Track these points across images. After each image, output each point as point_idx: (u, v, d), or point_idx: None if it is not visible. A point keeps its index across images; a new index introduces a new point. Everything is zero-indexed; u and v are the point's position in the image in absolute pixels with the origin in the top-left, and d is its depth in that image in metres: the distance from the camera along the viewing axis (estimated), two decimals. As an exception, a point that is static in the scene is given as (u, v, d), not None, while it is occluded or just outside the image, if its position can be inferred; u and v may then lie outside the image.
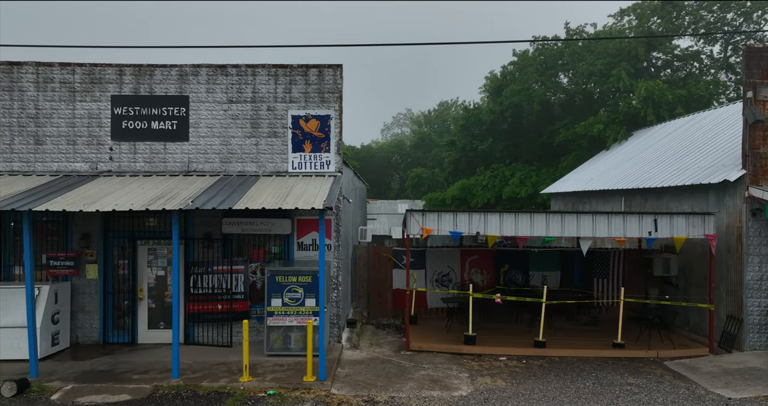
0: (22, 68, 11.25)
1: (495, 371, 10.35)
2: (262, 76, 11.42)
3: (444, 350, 11.59)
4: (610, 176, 19.01)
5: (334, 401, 8.62)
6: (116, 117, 11.34)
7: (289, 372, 9.69)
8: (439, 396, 8.92)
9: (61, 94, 11.31)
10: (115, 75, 11.33)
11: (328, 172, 11.39)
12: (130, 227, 11.40)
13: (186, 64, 11.35)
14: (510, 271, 14.93)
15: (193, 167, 11.42)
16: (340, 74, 11.47)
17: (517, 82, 30.19)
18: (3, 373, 9.58)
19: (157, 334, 11.42)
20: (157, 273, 11.48)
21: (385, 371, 10.17)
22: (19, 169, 11.29)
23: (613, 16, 28.54)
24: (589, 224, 11.44)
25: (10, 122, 11.28)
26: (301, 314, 10.40)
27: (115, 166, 11.38)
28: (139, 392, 8.76)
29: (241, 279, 11.30)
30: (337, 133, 11.45)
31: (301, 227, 11.48)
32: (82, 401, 8.45)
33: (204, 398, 8.61)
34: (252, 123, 11.45)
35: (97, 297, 11.35)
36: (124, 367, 9.92)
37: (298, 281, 10.37)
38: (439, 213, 11.52)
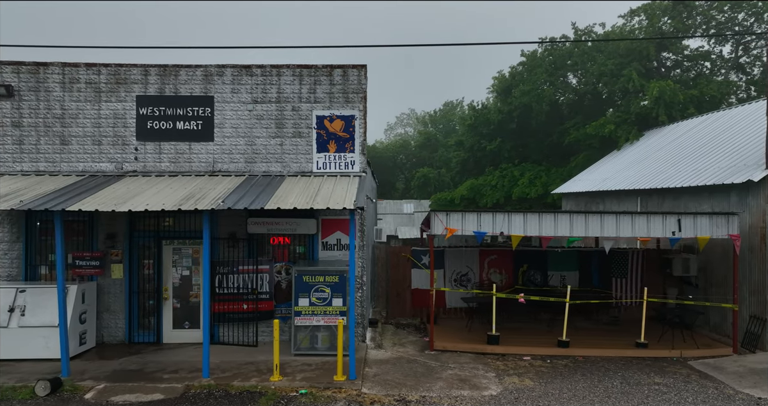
0: (48, 69, 11.28)
1: (521, 371, 10.37)
2: (286, 76, 11.45)
3: (468, 349, 11.62)
4: (625, 176, 19.03)
5: (366, 400, 8.65)
6: (141, 117, 11.38)
7: (318, 372, 9.72)
8: (470, 396, 8.94)
9: (86, 95, 11.34)
10: (141, 75, 11.36)
11: (353, 173, 11.42)
12: (155, 227, 11.44)
13: (211, 64, 11.38)
14: (529, 271, 14.95)
15: (218, 167, 11.45)
16: (364, 74, 11.50)
17: (527, 82, 30.23)
18: (34, 372, 9.61)
19: (182, 334, 11.45)
20: (182, 273, 11.51)
21: (413, 370, 10.20)
22: (45, 170, 11.32)
23: (624, 16, 28.56)
24: (612, 223, 11.46)
25: (36, 122, 11.32)
26: (328, 313, 10.43)
27: (141, 167, 11.41)
28: (172, 392, 8.79)
29: (266, 279, 11.33)
30: (362, 133, 11.48)
31: (325, 227, 11.51)
32: (116, 400, 8.49)
33: (237, 397, 8.64)
34: (277, 123, 11.48)
35: (123, 297, 11.39)
36: (153, 366, 9.96)
37: (325, 281, 10.40)
38: (462, 213, 11.55)
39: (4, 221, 11.27)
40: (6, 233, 11.27)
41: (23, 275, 11.26)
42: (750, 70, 26.97)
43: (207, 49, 12.39)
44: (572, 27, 30.06)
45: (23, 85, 11.26)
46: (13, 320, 10.14)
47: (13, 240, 11.27)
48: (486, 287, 14.45)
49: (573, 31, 30.15)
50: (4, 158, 11.28)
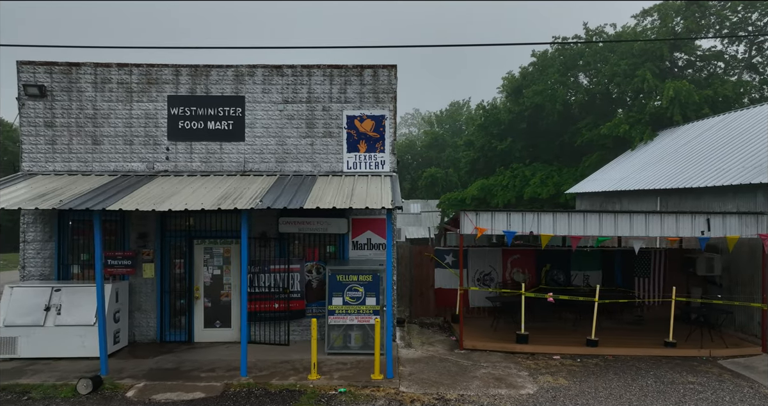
0: (81, 69, 11.34)
1: (553, 370, 10.41)
2: (317, 76, 11.50)
3: (497, 348, 11.66)
4: (642, 176, 19.06)
5: (406, 398, 8.69)
6: (173, 117, 11.43)
7: (354, 370, 9.77)
8: (508, 394, 8.99)
9: (118, 95, 11.39)
10: (172, 75, 11.41)
11: (383, 172, 11.47)
12: (186, 227, 11.50)
13: (242, 64, 11.43)
14: (552, 270, 14.99)
15: (249, 167, 11.50)
16: (394, 74, 11.54)
17: (539, 82, 30.25)
18: (72, 370, 9.67)
19: (213, 333, 11.51)
20: (213, 272, 11.56)
21: (446, 369, 10.24)
22: (78, 169, 11.38)
23: (636, 16, 28.58)
24: (642, 223, 11.49)
25: (68, 123, 11.37)
26: (361, 312, 10.48)
27: (172, 166, 11.46)
28: (212, 390, 8.84)
29: (297, 278, 11.38)
30: (392, 133, 11.52)
31: (355, 227, 11.56)
32: (158, 398, 8.54)
33: (277, 395, 8.69)
34: (307, 123, 11.53)
35: (154, 296, 11.44)
36: (189, 365, 10.01)
37: (358, 280, 10.45)
38: (492, 212, 11.59)
39: (36, 221, 11.33)
40: (38, 232, 11.33)
41: (56, 274, 11.31)
42: (763, 70, 27.00)
43: (233, 49, 12.40)
44: (584, 27, 30.11)
45: (56, 86, 11.32)
46: (49, 318, 10.20)
47: (46, 239, 11.33)
48: (509, 287, 14.50)
49: (584, 32, 30.19)
50: (37, 158, 11.34)
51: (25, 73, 11.22)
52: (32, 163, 11.34)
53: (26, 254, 11.31)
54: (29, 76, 11.24)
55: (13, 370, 9.75)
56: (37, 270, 11.31)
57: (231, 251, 11.54)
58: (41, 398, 8.58)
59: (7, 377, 9.40)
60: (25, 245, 11.30)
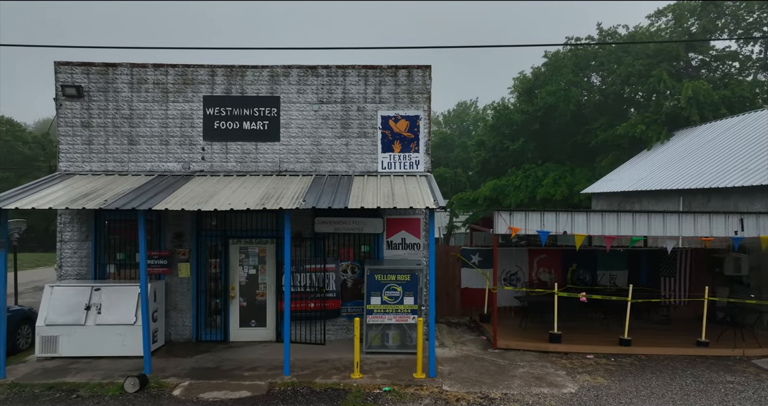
0: (117, 70, 11.40)
1: (590, 369, 10.46)
2: (352, 76, 11.55)
3: (531, 348, 11.70)
4: (664, 176, 19.09)
5: (451, 397, 8.74)
6: (208, 117, 11.48)
7: (395, 369, 9.82)
8: (550, 393, 9.03)
9: (154, 95, 11.45)
10: (207, 76, 11.47)
11: (418, 172, 11.52)
12: (222, 227, 11.55)
13: (277, 65, 11.48)
14: (578, 270, 15.03)
15: (284, 167, 11.56)
16: (428, 75, 11.59)
17: (551, 83, 30.27)
18: (114, 369, 9.73)
19: (248, 332, 11.56)
20: (249, 272, 11.61)
21: (484, 368, 10.29)
22: (114, 169, 11.44)
23: (650, 16, 28.61)
24: (675, 223, 11.53)
25: (105, 123, 11.43)
26: (399, 312, 10.53)
27: (207, 166, 11.52)
28: (258, 389, 8.89)
29: (332, 278, 11.43)
30: (426, 133, 11.57)
31: (390, 226, 11.61)
32: (206, 397, 8.59)
33: (323, 394, 8.74)
34: (342, 123, 11.59)
35: (190, 295, 11.50)
36: (229, 364, 10.06)
37: (397, 280, 10.50)
38: (526, 212, 11.63)
39: (73, 221, 11.39)
40: (75, 232, 11.39)
41: (92, 274, 11.37)
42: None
43: (266, 50, 12.46)
44: (597, 27, 30.15)
45: (93, 86, 11.38)
46: (89, 318, 10.25)
47: (83, 239, 11.39)
48: (535, 287, 14.55)
49: (598, 33, 30.23)
50: (74, 158, 11.40)
51: (62, 73, 11.29)
52: (69, 163, 11.40)
53: (63, 254, 11.37)
54: (66, 77, 11.30)
55: (56, 368, 9.81)
56: (73, 269, 11.37)
57: (266, 250, 11.60)
58: (89, 396, 8.64)
59: (52, 375, 9.46)
60: (62, 244, 11.37)
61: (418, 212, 11.60)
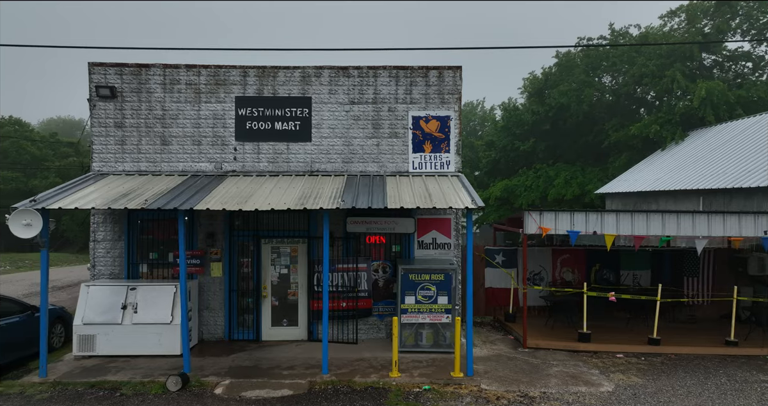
0: (150, 70, 11.47)
1: (622, 368, 10.51)
2: (383, 77, 11.62)
3: (561, 347, 11.76)
4: (682, 176, 19.15)
5: (491, 396, 8.80)
6: (240, 118, 11.55)
7: (432, 368, 9.89)
8: (588, 392, 9.09)
9: (186, 96, 11.52)
10: (239, 76, 11.54)
11: (449, 173, 11.58)
12: (254, 226, 11.62)
13: (309, 65, 11.55)
14: (601, 270, 15.09)
15: (316, 167, 11.62)
16: (459, 75, 11.65)
17: (563, 83, 30.34)
18: (153, 367, 9.80)
19: (280, 331, 11.62)
20: (281, 271, 11.68)
21: (518, 367, 10.35)
22: (147, 169, 11.50)
23: (663, 17, 28.65)
24: (704, 223, 11.59)
25: (138, 123, 11.50)
26: (433, 311, 10.59)
27: (239, 166, 11.59)
28: (298, 388, 8.95)
29: (364, 277, 11.50)
30: (457, 133, 11.63)
31: (421, 226, 11.67)
32: (248, 395, 8.65)
33: (365, 393, 8.80)
34: (373, 124, 11.65)
35: (222, 295, 11.56)
36: (266, 363, 10.12)
37: (431, 279, 10.56)
38: (556, 212, 11.69)
39: (106, 220, 11.46)
40: (108, 231, 11.46)
41: (125, 274, 11.44)
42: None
43: (291, 51, 12.50)
44: (609, 28, 30.21)
45: (126, 87, 11.45)
46: (126, 317, 10.32)
47: (116, 239, 11.46)
48: (558, 287, 14.61)
49: (610, 32, 30.28)
50: (107, 158, 11.47)
51: (96, 74, 11.36)
52: (102, 163, 11.47)
53: (96, 253, 11.44)
54: (100, 78, 11.37)
55: (95, 367, 9.88)
56: (106, 269, 11.44)
57: (298, 250, 11.66)
58: (133, 394, 8.71)
59: (93, 374, 9.53)
60: (95, 244, 11.44)
61: (449, 212, 11.67)
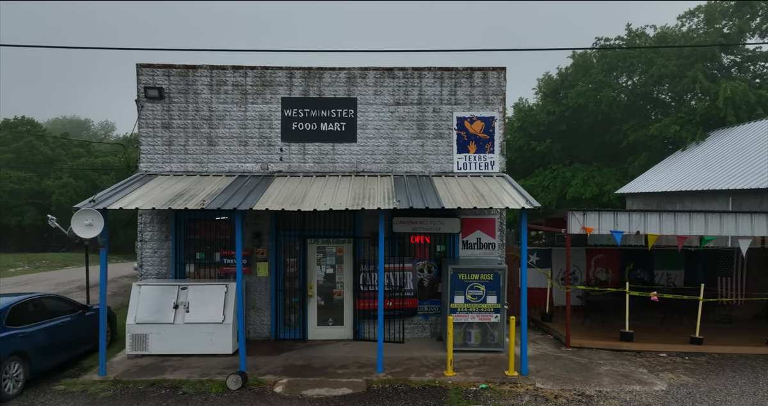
0: (197, 71, 11.55)
1: (668, 367, 10.58)
2: (428, 78, 11.69)
3: (603, 346, 11.82)
4: (709, 176, 19.20)
5: (548, 394, 8.88)
6: (286, 119, 11.63)
7: (484, 367, 9.96)
8: (643, 391, 9.16)
9: (233, 97, 11.61)
10: (286, 77, 11.62)
11: (494, 173, 11.65)
12: (300, 226, 11.70)
13: (354, 67, 11.63)
14: (635, 269, 15.17)
15: (361, 168, 11.70)
16: (503, 76, 11.73)
17: (581, 83, 30.40)
18: (208, 366, 9.88)
19: (326, 330, 11.70)
20: (326, 271, 11.76)
21: (567, 366, 10.42)
22: (194, 170, 11.59)
23: (681, 17, 28.70)
24: (747, 223, 11.64)
25: (185, 124, 11.59)
26: (482, 310, 10.68)
27: (285, 167, 11.67)
28: (357, 386, 9.03)
29: (410, 277, 11.58)
30: (501, 134, 11.71)
31: (465, 226, 11.75)
32: (309, 394, 8.73)
33: (423, 391, 8.87)
34: (418, 124, 11.73)
35: (268, 294, 11.65)
36: (318, 362, 10.21)
37: (480, 279, 10.64)
38: (599, 212, 11.76)
39: (153, 220, 11.55)
40: (155, 231, 11.55)
41: (173, 273, 11.53)
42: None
43: (337, 52, 12.60)
44: (626, 28, 30.26)
45: (173, 88, 11.54)
46: (178, 316, 10.41)
47: (162, 239, 11.55)
48: (593, 286, 14.67)
49: (627, 33, 30.34)
50: (154, 159, 11.56)
51: (144, 75, 11.44)
52: (149, 163, 11.56)
53: (143, 253, 11.53)
54: (148, 79, 11.46)
55: (150, 366, 9.97)
56: (154, 269, 11.53)
57: (344, 249, 11.75)
58: (194, 393, 8.79)
59: (150, 372, 9.62)
60: (142, 244, 11.53)
61: (493, 212, 11.74)
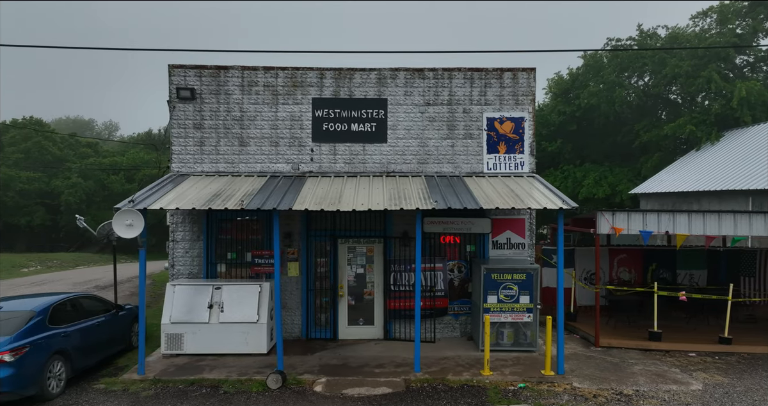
0: (229, 72, 11.61)
1: (700, 367, 10.62)
2: (458, 79, 11.74)
3: (632, 346, 11.86)
4: (728, 175, 19.22)
5: (587, 393, 8.92)
6: (317, 119, 11.68)
7: (519, 366, 10.01)
8: (680, 390, 9.20)
9: (264, 97, 11.66)
10: (316, 78, 11.67)
11: (524, 173, 11.70)
12: (331, 226, 11.75)
13: (384, 67, 11.68)
14: (658, 269, 15.20)
15: (391, 168, 11.75)
16: (533, 77, 11.77)
17: (593, 83, 30.44)
18: (244, 366, 9.94)
19: (356, 330, 11.76)
20: (357, 271, 11.81)
21: (600, 366, 10.46)
22: (225, 170, 11.64)
23: (693, 17, 28.72)
24: (776, 223, 11.69)
25: (216, 124, 11.65)
26: (515, 310, 10.72)
27: (316, 167, 11.72)
28: (396, 385, 9.08)
29: (440, 277, 11.62)
30: (531, 135, 11.75)
31: (495, 226, 11.79)
32: (350, 393, 8.78)
33: (463, 391, 8.92)
34: (448, 125, 11.78)
35: (299, 294, 11.70)
36: (354, 362, 10.25)
37: (513, 279, 10.68)
38: (628, 213, 11.81)
39: (185, 221, 11.60)
40: (187, 231, 11.60)
41: (204, 273, 11.58)
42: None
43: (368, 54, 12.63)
44: (637, 28, 30.28)
45: (204, 89, 11.59)
46: (213, 316, 10.46)
47: (194, 239, 11.60)
48: (615, 286, 14.71)
49: (638, 33, 30.36)
50: (186, 159, 11.61)
51: (176, 76, 11.50)
52: (181, 164, 11.62)
53: (175, 253, 11.58)
54: (180, 80, 11.52)
55: (187, 365, 10.02)
56: (185, 268, 11.59)
57: (374, 249, 11.80)
58: (235, 392, 8.84)
59: (188, 371, 9.67)
60: (174, 244, 11.58)
61: (523, 213, 11.79)
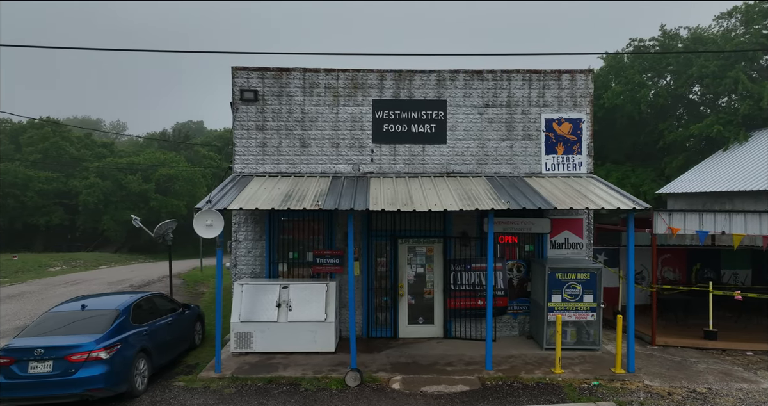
0: (290, 74, 11.75)
1: (762, 366, 10.73)
2: (516, 81, 11.87)
3: (688, 345, 11.98)
4: (763, 175, 19.30)
5: (660, 391, 9.05)
6: (377, 120, 11.82)
7: (588, 365, 10.14)
8: (752, 388, 9.31)
9: (325, 99, 11.80)
10: (377, 80, 11.80)
11: (582, 174, 11.82)
12: (391, 227, 11.88)
13: (444, 69, 11.81)
14: (702, 269, 15.32)
15: (451, 169, 11.88)
16: (591, 79, 11.90)
17: (614, 84, 30.55)
18: (316, 364, 10.07)
19: (416, 329, 11.89)
20: (416, 270, 11.95)
21: (664, 364, 10.58)
22: (287, 171, 11.79)
23: (717, 18, 28.81)
24: (832, 223, 11.80)
25: (278, 126, 11.79)
26: (579, 309, 10.85)
27: (376, 168, 11.86)
28: (472, 383, 9.21)
29: (500, 276, 11.75)
30: (589, 136, 11.88)
31: (554, 226, 11.92)
32: (429, 390, 8.92)
33: (539, 388, 9.05)
34: (507, 126, 11.91)
35: (360, 293, 11.84)
36: (423, 360, 10.38)
37: (577, 278, 10.81)
38: (684, 213, 11.94)
39: (247, 221, 11.75)
40: (249, 231, 11.75)
41: (266, 272, 11.73)
42: None
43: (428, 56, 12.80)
44: (660, 29, 30.37)
45: (267, 90, 11.73)
46: (281, 315, 10.60)
47: (256, 239, 11.75)
48: (660, 285, 14.83)
49: (661, 33, 30.46)
50: (248, 160, 11.76)
51: (239, 78, 11.64)
52: (243, 165, 11.76)
53: (237, 253, 11.73)
54: (243, 82, 11.66)
55: (259, 363, 10.16)
56: (247, 268, 11.73)
57: (434, 249, 11.93)
58: (316, 389, 8.98)
59: (262, 370, 9.81)
60: (236, 244, 11.73)
61: (581, 213, 11.91)
